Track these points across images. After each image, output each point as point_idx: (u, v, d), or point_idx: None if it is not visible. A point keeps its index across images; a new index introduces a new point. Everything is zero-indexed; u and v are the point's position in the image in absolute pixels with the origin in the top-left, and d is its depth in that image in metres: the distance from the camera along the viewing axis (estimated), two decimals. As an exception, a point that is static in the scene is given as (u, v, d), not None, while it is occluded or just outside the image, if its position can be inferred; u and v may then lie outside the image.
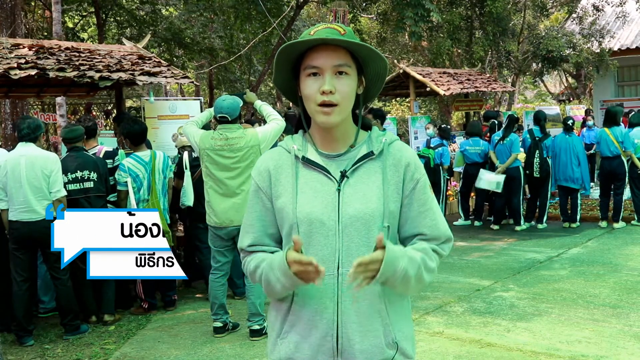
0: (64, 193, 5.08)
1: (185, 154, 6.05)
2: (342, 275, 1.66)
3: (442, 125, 10.30)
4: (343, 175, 1.70)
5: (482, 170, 9.05)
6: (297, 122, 1.82)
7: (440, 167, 9.40)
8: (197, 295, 6.37)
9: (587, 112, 13.88)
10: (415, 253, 1.68)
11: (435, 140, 9.75)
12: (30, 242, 4.98)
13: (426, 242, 1.74)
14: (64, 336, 5.12)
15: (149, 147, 5.93)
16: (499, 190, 8.87)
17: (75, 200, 5.28)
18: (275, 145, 2.92)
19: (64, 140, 5.58)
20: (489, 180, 8.89)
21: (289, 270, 1.60)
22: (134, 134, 5.68)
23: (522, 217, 9.15)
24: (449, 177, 10.08)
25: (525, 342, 4.50)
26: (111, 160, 5.84)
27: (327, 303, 1.67)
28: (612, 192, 8.80)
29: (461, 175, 10.09)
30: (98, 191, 5.43)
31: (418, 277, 1.66)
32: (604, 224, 8.80)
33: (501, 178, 8.84)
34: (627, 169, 8.62)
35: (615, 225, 8.71)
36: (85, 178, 5.36)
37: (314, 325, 1.69)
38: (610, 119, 8.84)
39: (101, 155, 5.76)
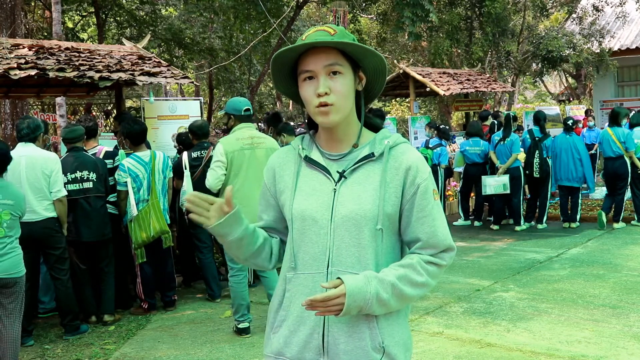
0: (65, 193, 5.07)
1: (185, 155, 6.04)
2: (331, 274, 1.68)
3: (441, 126, 10.34)
4: (341, 175, 1.72)
5: (484, 177, 9.05)
6: (308, 122, 1.83)
7: (439, 167, 9.52)
8: (197, 295, 6.36)
9: (587, 113, 13.90)
10: (388, 272, 1.66)
11: (433, 140, 9.81)
12: (31, 242, 4.96)
13: (418, 254, 1.72)
14: (64, 336, 5.11)
15: (148, 147, 5.93)
16: (508, 191, 8.88)
17: (75, 201, 5.27)
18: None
19: (64, 140, 5.57)
20: (495, 185, 8.90)
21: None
22: (134, 134, 5.68)
23: (522, 217, 9.15)
24: (445, 178, 10.14)
25: (525, 343, 4.50)
26: (111, 161, 5.82)
27: None
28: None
29: (461, 176, 10.11)
30: (97, 191, 5.43)
31: (398, 295, 1.65)
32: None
33: (505, 179, 8.85)
34: (629, 169, 8.62)
35: (616, 225, 8.71)
36: (85, 178, 5.36)
37: (302, 322, 1.71)
38: (612, 119, 8.85)
39: (101, 156, 5.75)
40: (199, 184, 5.90)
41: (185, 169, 5.89)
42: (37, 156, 4.97)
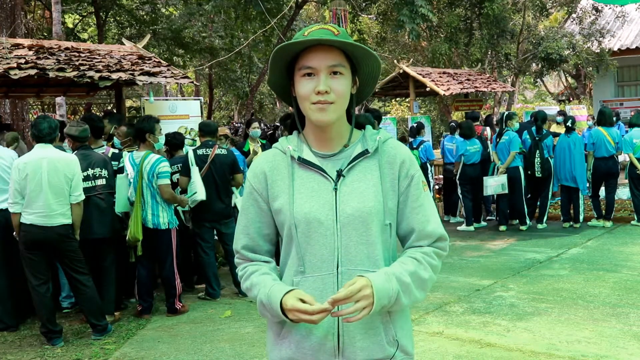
0: (83, 197, 4.96)
1: (191, 151, 6.06)
2: (341, 274, 1.67)
3: (412, 125, 10.36)
4: (339, 174, 1.71)
5: (485, 178, 9.06)
6: (292, 123, 1.82)
7: (428, 164, 9.64)
8: (197, 295, 6.35)
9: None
10: (397, 267, 1.67)
11: (416, 140, 9.87)
12: (46, 246, 4.84)
13: (417, 247, 1.73)
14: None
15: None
16: (506, 191, 8.90)
17: (87, 199, 5.12)
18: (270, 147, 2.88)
19: (75, 139, 5.41)
20: (494, 185, 8.91)
21: (282, 316, 1.64)
22: (135, 132, 5.71)
23: (526, 216, 9.12)
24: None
25: (525, 342, 4.50)
26: (116, 162, 5.77)
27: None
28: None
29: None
30: (110, 188, 5.41)
31: (408, 294, 1.66)
32: (600, 222, 8.85)
33: (503, 179, 8.86)
34: (619, 168, 8.86)
35: (607, 223, 8.74)
36: (97, 175, 5.32)
37: (315, 325, 1.68)
38: (603, 120, 8.93)
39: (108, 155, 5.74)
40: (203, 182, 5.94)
41: (192, 165, 5.89)
42: (59, 158, 4.83)
